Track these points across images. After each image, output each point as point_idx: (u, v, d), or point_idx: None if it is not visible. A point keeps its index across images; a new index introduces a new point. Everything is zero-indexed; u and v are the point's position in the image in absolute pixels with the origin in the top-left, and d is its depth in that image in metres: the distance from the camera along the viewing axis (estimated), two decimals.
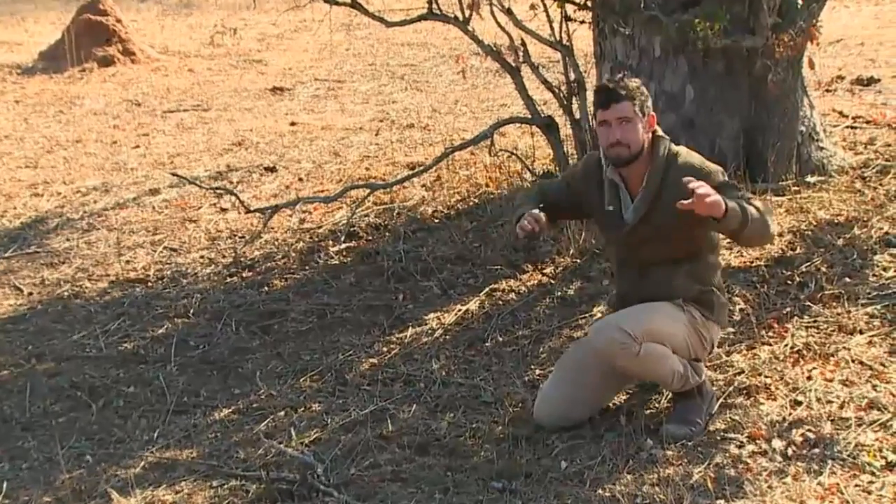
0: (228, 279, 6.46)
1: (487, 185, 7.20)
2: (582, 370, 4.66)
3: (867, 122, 7.74)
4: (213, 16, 15.02)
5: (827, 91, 8.76)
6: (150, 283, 6.53)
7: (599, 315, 5.42)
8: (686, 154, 4.56)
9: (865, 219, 5.95)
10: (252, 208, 7.05)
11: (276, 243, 6.87)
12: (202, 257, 6.82)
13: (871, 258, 5.57)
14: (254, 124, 10.00)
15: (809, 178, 6.51)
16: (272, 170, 8.40)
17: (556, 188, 4.86)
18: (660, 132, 4.57)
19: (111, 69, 12.71)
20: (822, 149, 6.75)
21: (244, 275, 6.49)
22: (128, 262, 6.83)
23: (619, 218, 4.61)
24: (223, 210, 7.57)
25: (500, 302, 5.81)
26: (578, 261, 5.99)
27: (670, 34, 6.27)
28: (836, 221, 6.00)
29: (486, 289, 5.93)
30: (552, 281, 5.90)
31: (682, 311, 4.55)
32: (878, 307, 5.21)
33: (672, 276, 4.55)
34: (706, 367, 4.76)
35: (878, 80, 9.11)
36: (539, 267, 6.05)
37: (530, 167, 7.15)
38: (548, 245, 6.20)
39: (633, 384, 4.84)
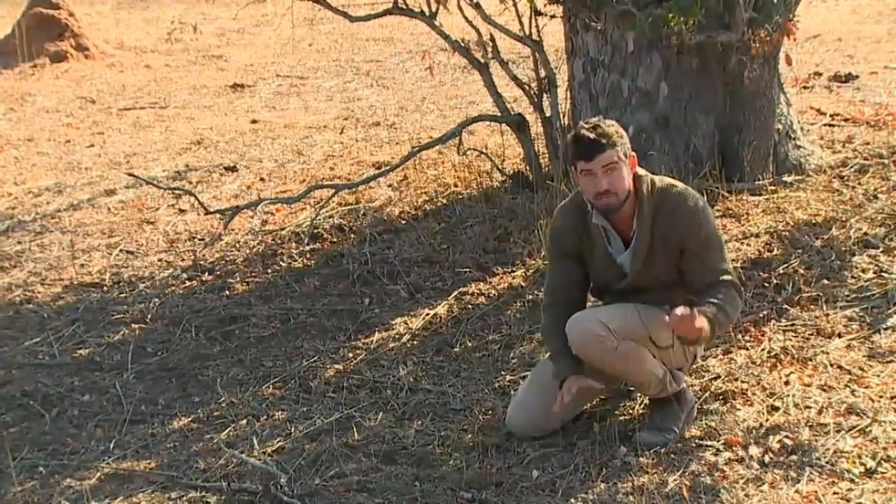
0: (187, 283, 6.30)
1: (456, 185, 7.10)
2: None
3: (845, 120, 7.71)
4: (171, 10, 14.86)
5: (804, 88, 8.74)
6: (105, 288, 6.35)
7: None
8: (672, 190, 4.42)
9: (844, 219, 5.92)
10: (212, 209, 6.90)
11: (237, 245, 6.72)
12: (160, 260, 6.64)
13: (850, 259, 5.53)
14: (213, 122, 9.84)
15: (786, 178, 6.46)
16: (233, 169, 8.26)
17: (564, 279, 4.58)
18: (639, 171, 4.42)
19: (64, 65, 12.49)
20: (799, 147, 6.68)
21: (204, 278, 6.33)
22: (82, 265, 6.65)
23: (615, 263, 4.47)
24: (182, 211, 7.41)
25: (470, 306, 5.71)
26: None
27: (643, 29, 6.14)
28: (813, 222, 5.97)
29: (455, 292, 5.83)
30: (523, 284, 5.78)
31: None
32: (857, 310, 5.19)
33: (667, 298, 4.37)
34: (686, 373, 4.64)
35: (857, 77, 9.10)
36: (509, 270, 5.92)
37: (500, 166, 7.05)
38: (518, 247, 6.08)
39: (608, 391, 4.69)
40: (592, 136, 4.28)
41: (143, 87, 11.49)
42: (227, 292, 6.14)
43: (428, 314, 5.65)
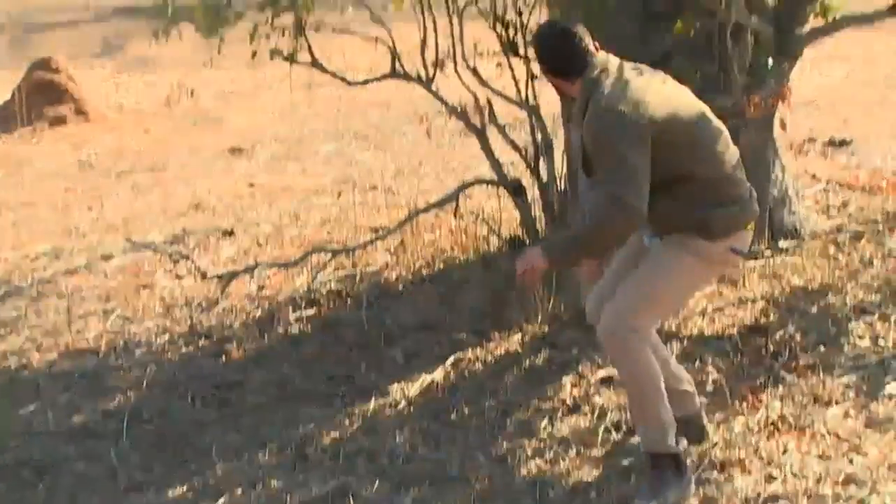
0: (184, 349, 6.28)
1: (453, 250, 7.11)
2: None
3: (840, 185, 7.74)
4: (171, 74, 14.91)
5: (799, 153, 8.76)
6: (101, 354, 6.31)
7: (569, 386, 5.30)
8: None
9: (840, 285, 5.94)
10: (209, 274, 6.88)
11: (234, 311, 6.70)
12: (156, 326, 6.62)
13: (846, 326, 5.53)
14: (211, 186, 9.85)
15: (782, 243, 6.48)
16: (230, 233, 8.25)
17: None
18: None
19: (63, 129, 12.52)
20: (794, 212, 6.70)
21: (200, 344, 6.31)
22: (78, 331, 6.61)
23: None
24: (179, 276, 7.39)
25: (466, 372, 5.69)
26: (546, 329, 5.87)
27: None
28: (810, 288, 5.98)
29: (452, 358, 5.80)
30: (520, 350, 5.76)
31: (681, 254, 4.36)
32: (854, 377, 5.19)
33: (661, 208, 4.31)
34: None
35: (851, 142, 9.15)
36: (506, 335, 5.91)
37: (497, 231, 7.04)
38: (515, 312, 6.06)
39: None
40: None
41: (142, 151, 11.51)
42: (224, 358, 6.11)
43: (425, 380, 5.62)
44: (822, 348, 5.39)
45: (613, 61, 4.40)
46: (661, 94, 4.36)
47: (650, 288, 4.38)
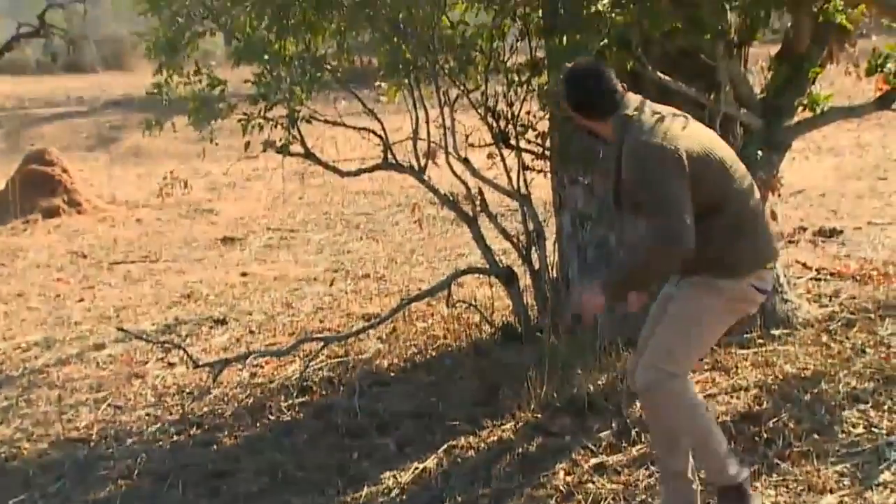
0: (175, 437, 6.22)
1: (445, 338, 7.11)
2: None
3: (831, 274, 7.77)
4: (164, 165, 15.00)
5: (790, 242, 8.81)
6: (92, 443, 6.25)
7: (563, 473, 5.26)
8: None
9: (832, 373, 5.91)
10: (201, 363, 6.87)
11: (226, 399, 6.66)
12: (148, 415, 6.57)
13: (840, 414, 5.49)
14: (204, 275, 9.87)
15: (775, 331, 6.47)
16: (222, 322, 8.25)
17: None
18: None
19: (56, 220, 12.58)
20: (786, 301, 6.71)
21: (192, 432, 6.25)
22: (69, 420, 6.56)
23: None
24: (171, 365, 7.37)
25: (459, 459, 5.64)
26: (539, 416, 5.84)
27: None
28: (802, 375, 5.95)
29: (445, 446, 5.75)
30: (512, 437, 5.73)
31: (706, 296, 4.41)
32: (848, 465, 5.11)
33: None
34: None
35: (841, 232, 9.21)
36: (499, 423, 5.88)
37: (489, 319, 7.06)
38: (508, 400, 6.05)
39: None
40: None
41: (135, 241, 11.55)
42: (215, 446, 6.06)
43: (417, 468, 5.57)
44: (815, 436, 5.34)
45: (642, 100, 4.49)
46: (692, 130, 4.45)
47: (681, 334, 4.44)
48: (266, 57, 6.36)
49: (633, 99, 4.46)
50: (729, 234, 4.38)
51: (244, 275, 9.78)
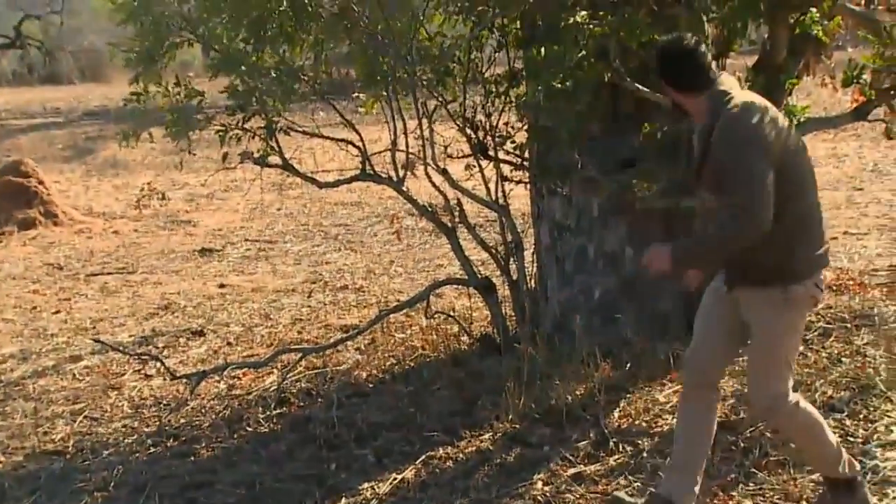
0: (152, 449, 6.20)
1: (423, 349, 7.10)
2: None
3: None
4: (141, 177, 14.98)
5: None
6: (68, 455, 6.22)
7: (541, 484, 5.25)
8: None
9: (809, 382, 5.93)
10: (178, 375, 6.85)
11: (203, 411, 6.64)
12: (125, 426, 6.54)
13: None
14: (181, 287, 9.84)
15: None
16: (200, 334, 8.23)
17: None
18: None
19: (32, 232, 12.53)
20: None
21: (169, 444, 6.23)
22: (46, 433, 6.54)
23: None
24: (148, 377, 7.34)
25: (437, 470, 5.63)
26: (517, 426, 5.83)
27: (608, 195, 6.24)
28: None
29: (423, 456, 5.74)
30: (490, 448, 5.73)
31: (782, 312, 4.48)
32: None
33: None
34: None
35: None
36: (477, 433, 5.88)
37: (468, 329, 7.06)
38: (486, 410, 6.05)
39: None
40: None
41: (112, 253, 11.51)
42: (193, 458, 6.03)
43: (395, 479, 5.56)
44: (792, 445, 5.36)
45: (734, 81, 4.57)
46: (780, 119, 4.49)
47: (775, 355, 4.53)
48: (243, 68, 6.35)
49: (727, 79, 4.54)
50: (798, 232, 4.45)
51: (222, 286, 9.76)
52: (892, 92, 6.15)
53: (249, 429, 6.31)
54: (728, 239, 4.34)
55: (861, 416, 5.45)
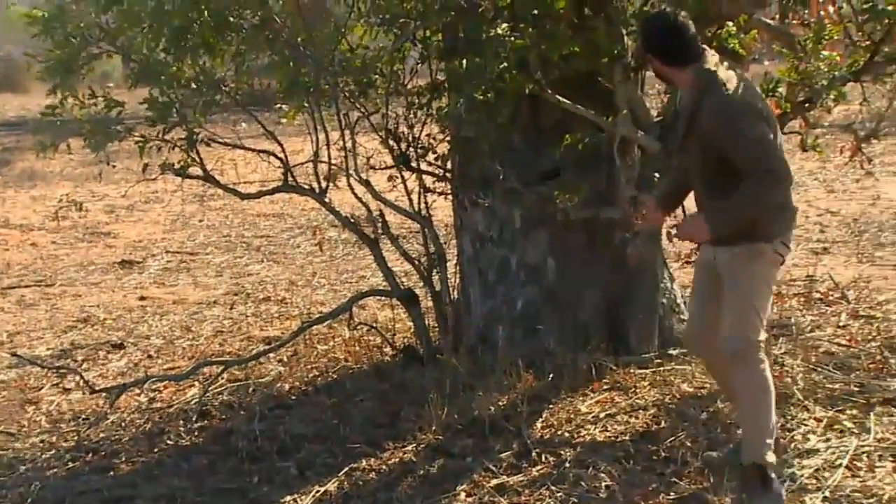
0: (71, 464, 6.10)
1: (346, 360, 7.09)
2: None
3: None
4: (59, 188, 14.79)
5: (686, 263, 8.91)
6: None
7: (464, 495, 5.26)
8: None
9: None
10: (97, 388, 6.78)
11: (123, 425, 6.56)
12: (42, 441, 6.44)
13: (735, 432, 5.54)
14: (101, 299, 9.73)
15: (672, 351, 6.56)
16: (120, 347, 8.14)
17: None
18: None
19: None
20: (683, 321, 6.77)
21: (88, 459, 6.14)
22: None
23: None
24: (66, 391, 7.23)
25: (360, 482, 5.61)
26: (440, 437, 5.84)
27: (530, 206, 6.28)
28: (699, 395, 6.04)
29: (346, 468, 5.72)
30: (414, 459, 5.73)
31: (754, 265, 4.83)
32: None
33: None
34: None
35: None
36: (400, 445, 5.88)
37: (391, 341, 7.06)
38: (409, 422, 6.05)
39: None
40: None
41: (29, 266, 11.34)
42: (112, 473, 5.95)
43: (318, 491, 5.53)
44: (712, 454, 5.42)
45: (718, 57, 4.85)
46: (758, 89, 4.94)
47: (749, 303, 4.84)
48: (163, 79, 6.30)
49: (710, 54, 4.81)
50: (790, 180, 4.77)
51: (142, 298, 9.66)
52: (806, 105, 6.26)
53: (170, 442, 6.24)
54: (761, 203, 4.67)
55: (779, 425, 5.52)
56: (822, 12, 6.18)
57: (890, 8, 5.79)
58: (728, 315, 4.84)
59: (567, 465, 5.37)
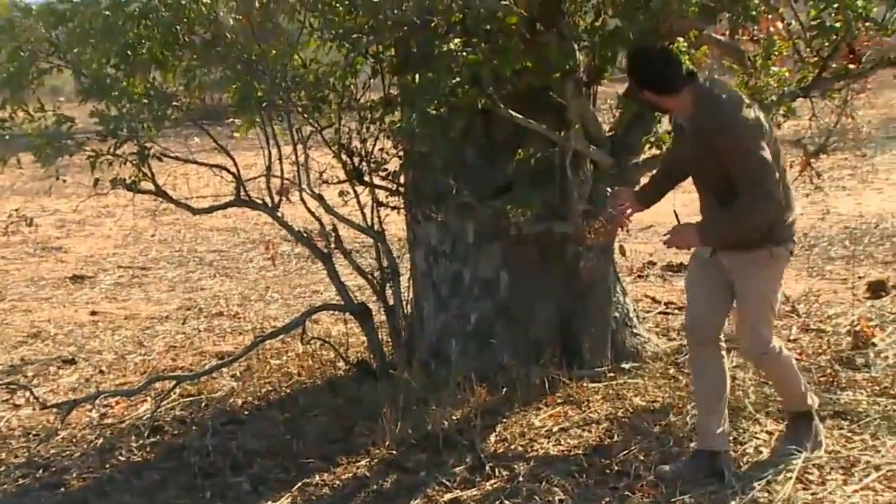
0: (21, 481, 6.05)
1: (300, 375, 7.07)
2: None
3: (679, 308, 7.93)
4: (9, 203, 14.64)
5: (639, 277, 8.96)
6: None
7: None
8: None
9: (680, 405, 6.03)
10: (48, 404, 6.73)
11: (75, 440, 6.51)
12: None
13: (687, 446, 5.58)
14: (51, 314, 9.65)
15: (625, 365, 6.59)
16: (71, 362, 8.07)
17: None
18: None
19: None
20: (636, 335, 6.84)
21: (38, 475, 6.08)
22: None
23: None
24: (16, 406, 7.16)
25: (314, 497, 5.60)
26: (394, 452, 5.83)
27: (483, 220, 6.29)
28: (652, 408, 6.07)
29: (299, 483, 5.70)
30: (367, 474, 5.72)
31: (766, 268, 5.14)
32: (697, 495, 5.19)
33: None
34: None
35: None
36: (354, 459, 5.86)
37: (344, 355, 7.05)
38: (363, 436, 6.03)
39: None
40: None
41: None
42: (63, 489, 5.90)
43: None
44: (665, 467, 5.44)
45: (706, 75, 5.15)
46: (756, 106, 5.13)
47: (764, 304, 5.18)
48: (114, 94, 6.26)
49: (699, 75, 5.04)
50: (783, 206, 5.03)
51: (94, 314, 9.59)
52: None
53: (122, 458, 6.20)
54: (752, 220, 4.93)
55: (731, 438, 5.56)
56: (771, 28, 6.25)
57: (837, 25, 5.85)
58: (751, 320, 5.18)
59: (521, 479, 5.37)
